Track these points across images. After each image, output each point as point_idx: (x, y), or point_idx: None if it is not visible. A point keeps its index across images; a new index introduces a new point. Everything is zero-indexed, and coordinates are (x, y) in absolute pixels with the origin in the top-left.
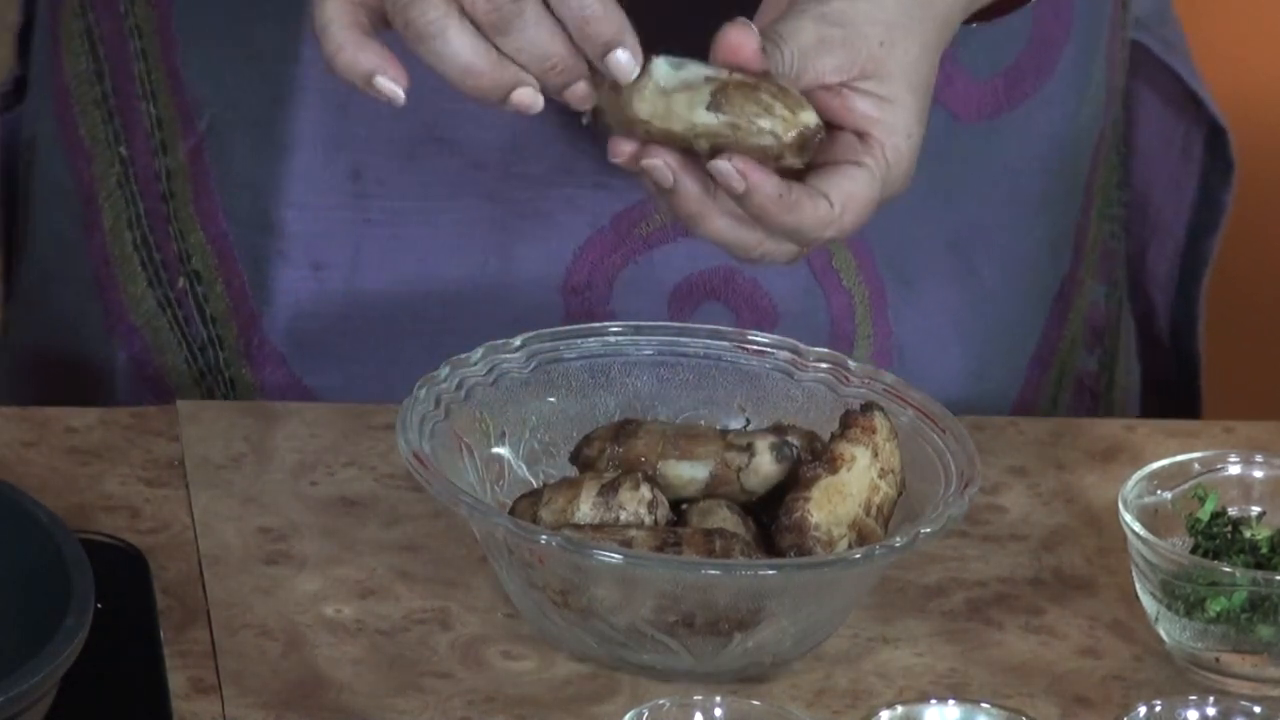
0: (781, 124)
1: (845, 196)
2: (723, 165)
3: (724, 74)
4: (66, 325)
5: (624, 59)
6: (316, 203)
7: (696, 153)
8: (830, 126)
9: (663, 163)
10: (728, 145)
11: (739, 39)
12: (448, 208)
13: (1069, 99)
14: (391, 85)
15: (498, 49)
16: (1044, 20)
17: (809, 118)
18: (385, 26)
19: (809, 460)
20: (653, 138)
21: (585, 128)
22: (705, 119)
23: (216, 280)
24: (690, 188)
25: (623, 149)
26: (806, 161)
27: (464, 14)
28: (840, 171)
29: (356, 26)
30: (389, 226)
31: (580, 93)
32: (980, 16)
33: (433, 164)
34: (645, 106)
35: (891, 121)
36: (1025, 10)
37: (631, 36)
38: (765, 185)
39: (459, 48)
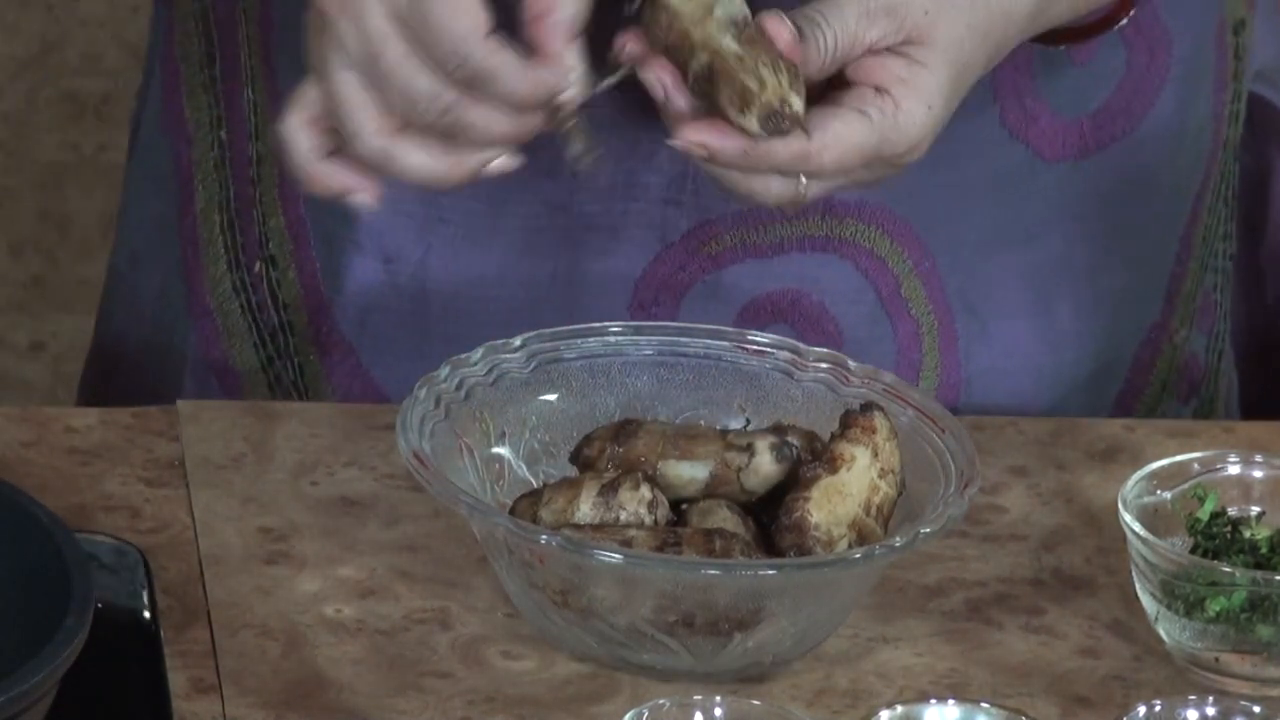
0: (773, 83)
1: (830, 135)
2: (679, 142)
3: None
4: (150, 307)
5: (581, 75)
6: (390, 195)
7: (688, 69)
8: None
9: (655, 78)
10: (720, 71)
11: (774, 30)
12: (517, 213)
13: (1163, 146)
14: (362, 201)
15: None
16: (1138, 65)
17: (794, 101)
18: None
19: (809, 460)
20: (671, 34)
21: (652, 144)
22: (726, 43)
23: (290, 266)
24: (680, 106)
25: (627, 44)
26: (760, 136)
27: (408, 127)
28: (835, 113)
29: (318, 149)
30: (460, 227)
31: (564, 106)
32: (1074, 37)
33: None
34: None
35: (915, 84)
36: (1118, 54)
37: (573, 52)
38: (728, 147)
39: (414, 165)
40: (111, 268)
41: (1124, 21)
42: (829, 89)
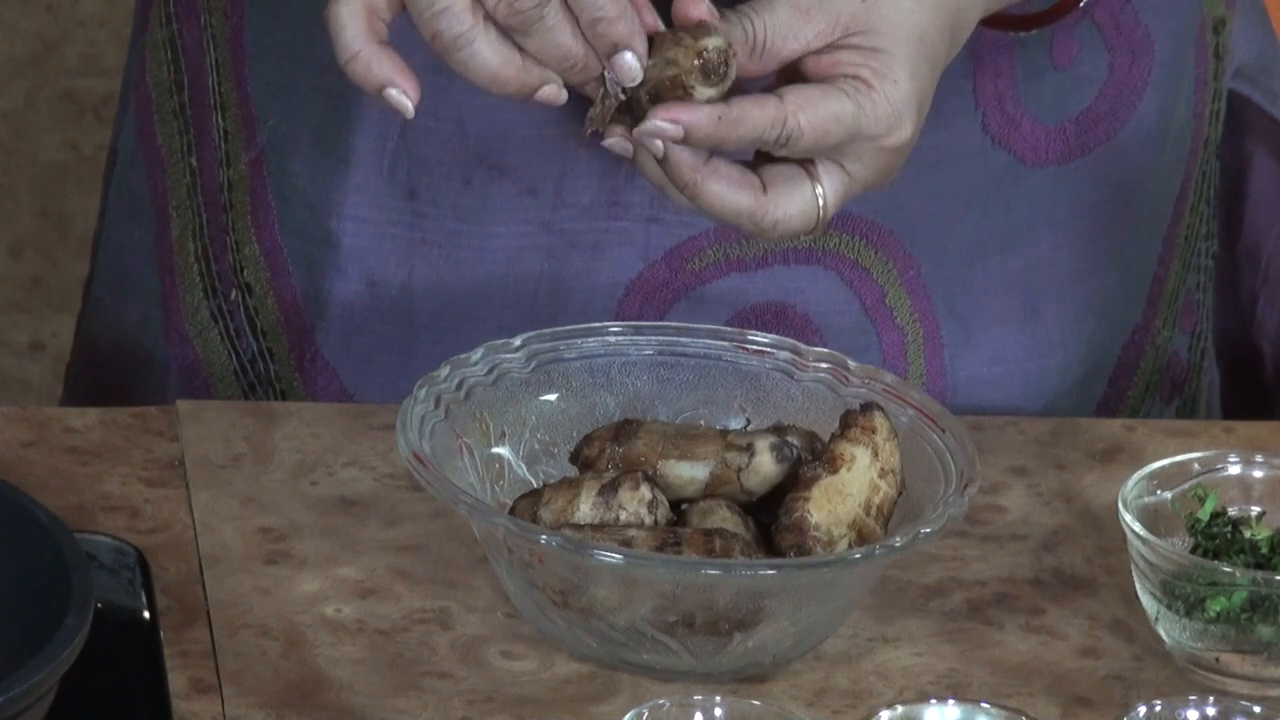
0: (683, 52)
1: (803, 99)
2: (650, 125)
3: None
4: (132, 332)
5: (630, 61)
6: (373, 218)
7: (643, 111)
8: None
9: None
10: (654, 88)
11: (689, 9)
12: (500, 233)
13: (1146, 149)
14: (402, 98)
15: (521, 48)
16: (1120, 69)
17: (711, 41)
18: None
19: (809, 460)
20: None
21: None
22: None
23: (268, 293)
24: (683, 154)
25: (614, 135)
26: (720, 88)
27: (488, 20)
28: (811, 86)
29: (372, 34)
30: (443, 247)
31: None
32: (1042, 20)
33: (487, 189)
34: None
35: (878, 67)
36: (1100, 58)
37: (641, 42)
38: (699, 117)
39: (486, 58)
40: (89, 294)
41: None
42: None
